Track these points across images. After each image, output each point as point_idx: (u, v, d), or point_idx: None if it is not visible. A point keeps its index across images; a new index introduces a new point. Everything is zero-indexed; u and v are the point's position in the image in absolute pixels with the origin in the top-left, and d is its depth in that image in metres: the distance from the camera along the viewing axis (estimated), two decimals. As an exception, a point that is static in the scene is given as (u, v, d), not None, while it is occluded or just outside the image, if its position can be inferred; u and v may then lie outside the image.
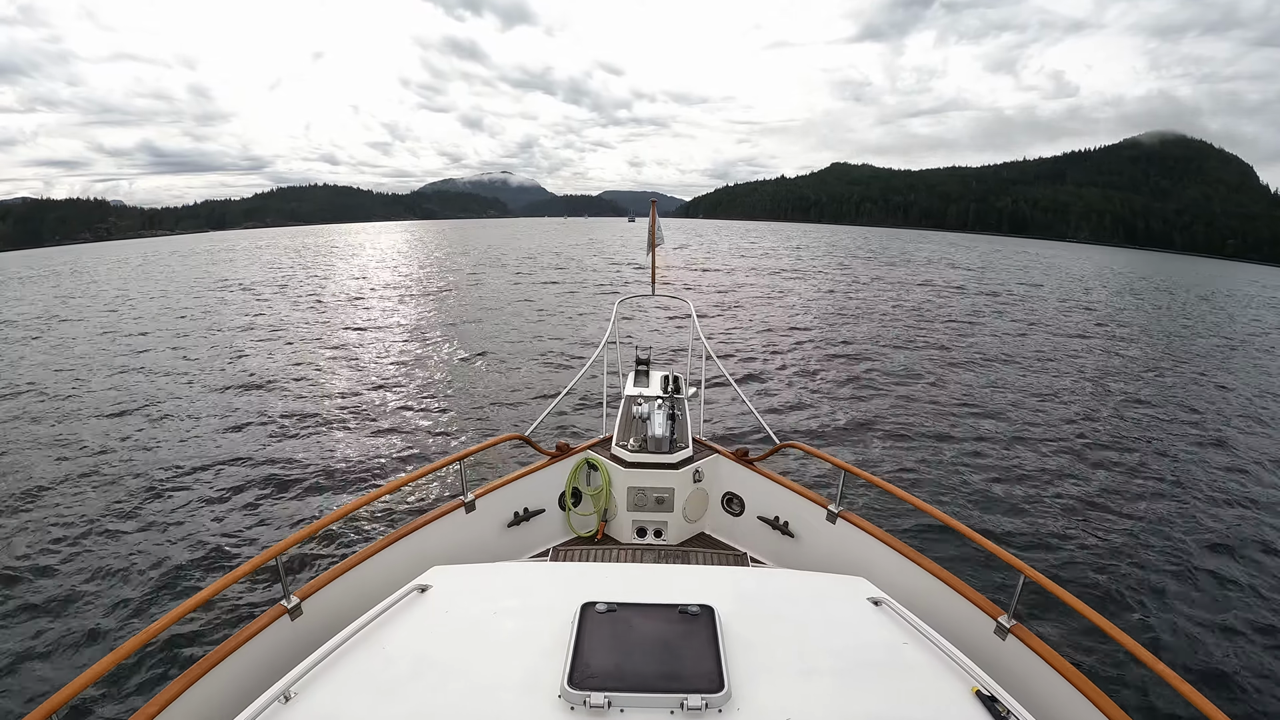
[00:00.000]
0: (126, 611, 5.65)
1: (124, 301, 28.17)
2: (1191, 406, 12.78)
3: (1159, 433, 10.97)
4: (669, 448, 4.47)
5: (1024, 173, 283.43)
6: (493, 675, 1.95)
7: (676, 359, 13.76)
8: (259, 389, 12.65)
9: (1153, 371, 15.89)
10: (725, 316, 21.88)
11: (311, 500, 7.71)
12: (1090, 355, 17.48)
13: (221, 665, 2.56)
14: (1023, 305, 27.52)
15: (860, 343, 17.86)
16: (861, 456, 9.37)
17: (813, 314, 22.95)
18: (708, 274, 37.82)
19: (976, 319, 22.94)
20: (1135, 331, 22.31)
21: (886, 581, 2.74)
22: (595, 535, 4.46)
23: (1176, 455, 9.90)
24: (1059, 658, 2.64)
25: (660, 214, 6.04)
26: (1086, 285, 40.47)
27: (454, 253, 58.91)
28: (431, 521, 3.74)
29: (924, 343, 18.15)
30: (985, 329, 20.88)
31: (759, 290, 30.05)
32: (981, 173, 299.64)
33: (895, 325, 21.00)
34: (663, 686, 1.80)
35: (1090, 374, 15.18)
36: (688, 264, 43.97)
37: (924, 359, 16.07)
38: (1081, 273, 52.31)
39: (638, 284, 31.08)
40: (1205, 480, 8.95)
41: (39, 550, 6.63)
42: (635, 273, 36.78)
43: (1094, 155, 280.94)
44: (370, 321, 20.80)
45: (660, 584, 2.54)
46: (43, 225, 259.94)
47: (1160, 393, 13.78)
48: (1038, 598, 2.90)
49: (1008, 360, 16.24)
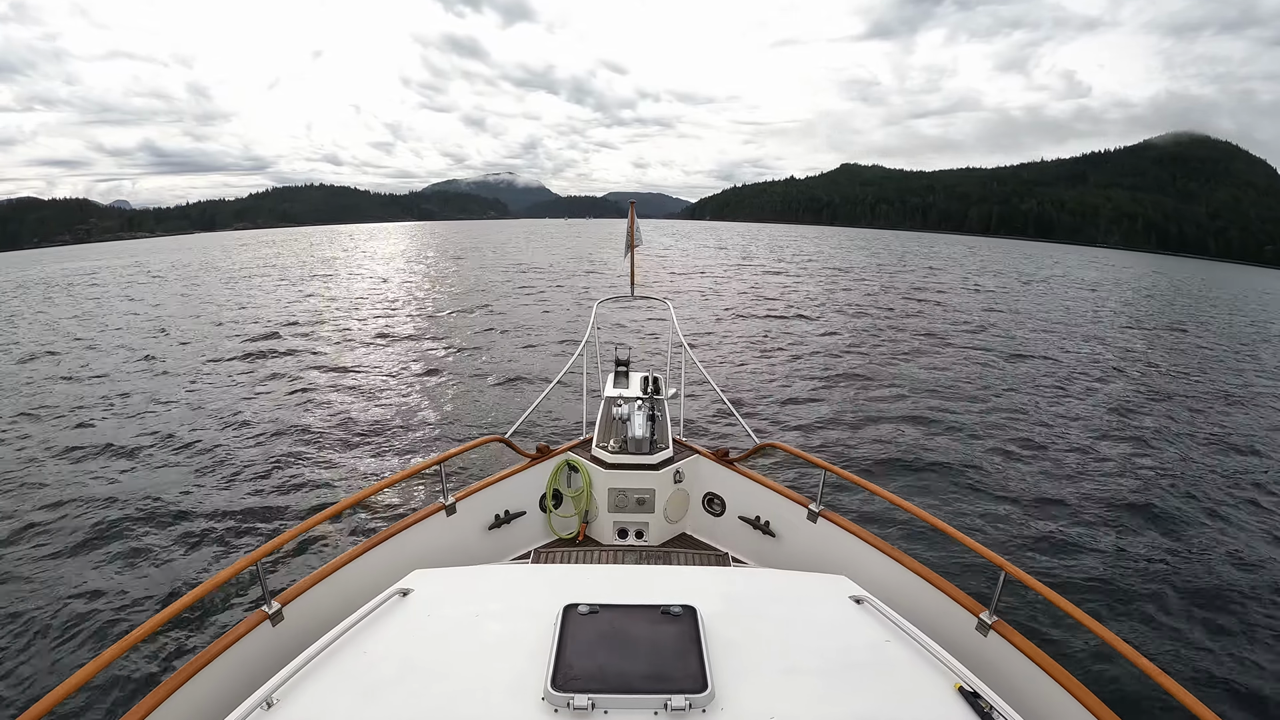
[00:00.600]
0: (105, 620, 5.52)
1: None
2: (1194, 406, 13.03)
3: (1152, 425, 11.17)
4: (649, 449, 4.46)
5: (1043, 174, 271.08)
6: (476, 678, 1.94)
7: (656, 360, 13.80)
8: (239, 391, 12.48)
9: (1158, 372, 16.18)
10: (705, 317, 21.96)
11: (291, 504, 7.59)
12: (1079, 351, 17.79)
13: (202, 672, 2.52)
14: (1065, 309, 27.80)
15: (842, 343, 18.02)
16: (842, 456, 9.43)
17: (795, 315, 23.09)
18: (692, 278, 37.89)
19: (973, 320, 23.22)
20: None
21: (868, 580, 2.76)
22: (576, 537, 4.45)
23: (1166, 452, 10.08)
24: (1040, 652, 2.67)
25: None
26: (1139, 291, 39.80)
27: (444, 259, 56.34)
28: (412, 525, 3.71)
29: (908, 345, 18.34)
30: (986, 329, 21.14)
31: (740, 291, 30.20)
32: (999, 174, 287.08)
33: (879, 327, 21.19)
34: (646, 687, 1.80)
35: (1085, 372, 15.44)
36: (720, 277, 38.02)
37: (907, 359, 16.25)
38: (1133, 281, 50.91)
39: (617, 286, 31.09)
40: (1191, 472, 9.14)
41: (14, 559, 6.48)
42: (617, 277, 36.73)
43: (1114, 156, 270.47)
44: (348, 326, 20.59)
45: (642, 585, 2.54)
46: (22, 227, 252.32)
47: (1160, 395, 14.03)
48: (1019, 594, 2.94)
49: (999, 361, 16.46)
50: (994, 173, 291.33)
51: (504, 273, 39.23)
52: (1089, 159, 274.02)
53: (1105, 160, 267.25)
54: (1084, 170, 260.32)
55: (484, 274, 38.17)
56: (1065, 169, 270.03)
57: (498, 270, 41.02)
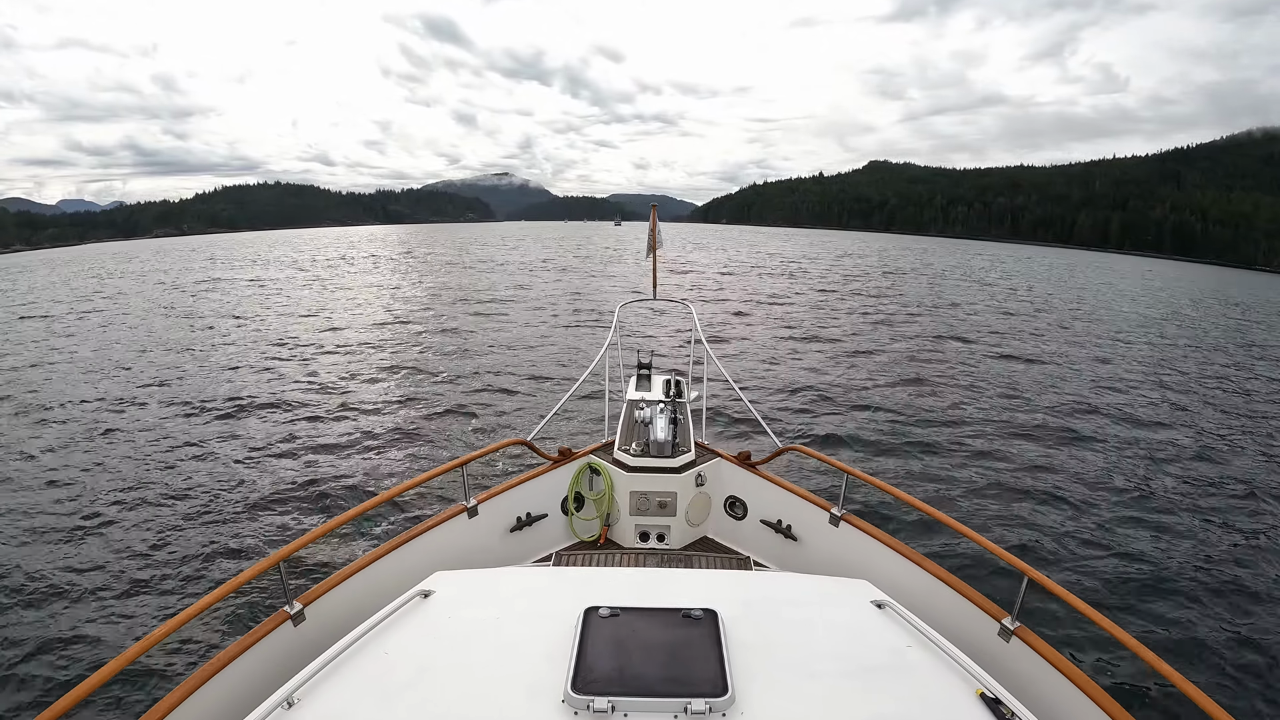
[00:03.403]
0: (129, 618, 5.64)
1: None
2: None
3: (1169, 437, 10.96)
4: (671, 452, 4.46)
5: (1124, 172, 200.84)
6: (496, 680, 1.95)
7: (678, 362, 13.78)
8: (258, 399, 12.66)
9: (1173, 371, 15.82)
10: (728, 320, 21.89)
11: (314, 506, 7.71)
12: (1087, 351, 17.46)
13: (224, 671, 2.55)
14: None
15: (865, 347, 17.87)
16: (864, 459, 9.36)
17: (816, 317, 22.95)
18: (710, 278, 37.78)
19: (993, 321, 22.91)
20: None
21: (890, 584, 2.74)
22: (598, 540, 4.46)
23: (1190, 461, 9.87)
24: (1063, 659, 2.63)
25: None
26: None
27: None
28: (434, 527, 3.74)
29: (932, 348, 18.15)
30: (1005, 332, 20.83)
31: (762, 294, 30.08)
32: (1069, 171, 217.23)
33: (897, 331, 21.00)
34: (666, 691, 1.80)
35: (1098, 374, 15.17)
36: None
37: (929, 364, 16.07)
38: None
39: (639, 289, 31.11)
40: (1227, 485, 8.92)
41: (38, 558, 6.63)
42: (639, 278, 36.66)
43: (1205, 153, 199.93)
44: (366, 330, 20.83)
45: (663, 588, 2.55)
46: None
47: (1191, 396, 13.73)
48: (1041, 599, 2.89)
49: (1021, 366, 16.22)
50: (1064, 170, 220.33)
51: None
52: (1175, 155, 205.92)
53: (1197, 156, 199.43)
54: (1175, 169, 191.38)
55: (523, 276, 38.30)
56: (1150, 167, 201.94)
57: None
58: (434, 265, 49.77)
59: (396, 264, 51.43)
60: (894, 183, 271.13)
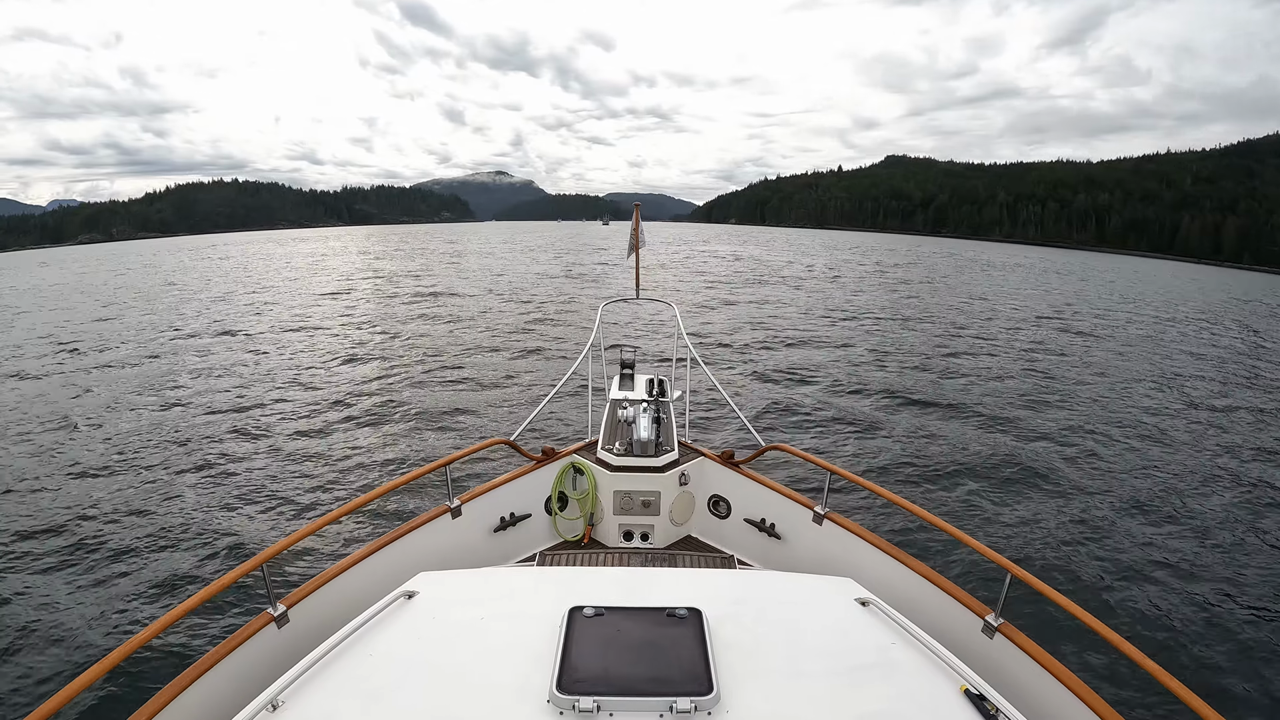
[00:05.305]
0: (111, 622, 5.55)
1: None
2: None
3: (1155, 430, 11.10)
4: (654, 451, 4.46)
5: (1182, 167, 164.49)
6: (481, 681, 1.95)
7: (661, 362, 13.79)
8: (240, 398, 12.52)
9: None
10: (710, 320, 21.94)
11: (296, 507, 7.62)
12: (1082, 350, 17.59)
13: (207, 675, 2.52)
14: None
15: (846, 344, 17.98)
16: (848, 458, 9.42)
17: (798, 316, 23.07)
18: (692, 277, 37.85)
19: (966, 319, 23.13)
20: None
21: (874, 582, 2.76)
22: (582, 539, 4.45)
23: (1175, 457, 10.01)
24: (1047, 655, 2.66)
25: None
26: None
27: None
28: (417, 527, 3.71)
29: (913, 344, 18.28)
30: (978, 336, 21.01)
31: (743, 292, 30.17)
32: (1140, 165, 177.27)
33: (882, 326, 21.15)
34: (651, 690, 1.80)
35: (1093, 371, 15.32)
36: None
37: (911, 359, 16.20)
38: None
39: (622, 287, 31.10)
40: (1208, 479, 9.05)
41: (13, 560, 6.51)
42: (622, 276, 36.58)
43: (1269, 145, 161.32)
44: (348, 329, 20.67)
45: (647, 587, 2.55)
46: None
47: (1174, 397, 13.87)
48: (1025, 596, 2.92)
49: (1003, 364, 16.37)
50: (1136, 164, 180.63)
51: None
52: (1242, 148, 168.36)
53: (1258, 151, 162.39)
54: (1247, 164, 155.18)
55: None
56: (1214, 163, 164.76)
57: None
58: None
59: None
60: (932, 177, 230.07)
